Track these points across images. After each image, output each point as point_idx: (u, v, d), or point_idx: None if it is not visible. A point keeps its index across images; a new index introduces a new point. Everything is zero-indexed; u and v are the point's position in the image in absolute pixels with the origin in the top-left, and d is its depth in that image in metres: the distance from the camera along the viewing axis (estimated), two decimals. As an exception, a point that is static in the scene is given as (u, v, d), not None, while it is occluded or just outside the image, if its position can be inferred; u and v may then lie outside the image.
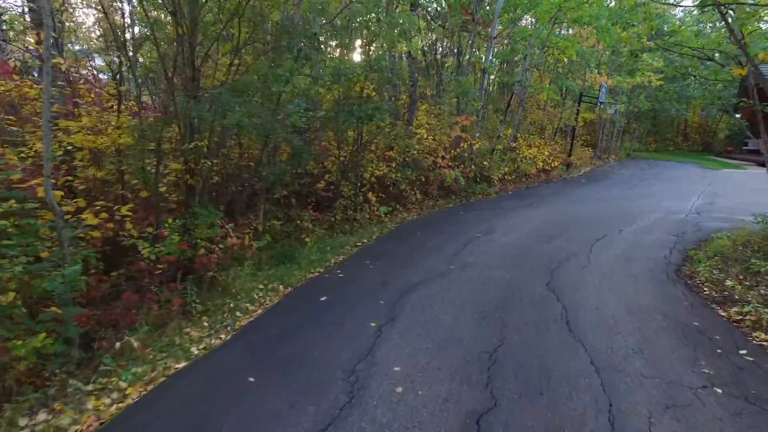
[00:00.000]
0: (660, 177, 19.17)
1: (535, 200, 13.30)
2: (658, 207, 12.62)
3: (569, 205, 12.80)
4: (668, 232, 9.93)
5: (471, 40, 15.86)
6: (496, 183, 14.75)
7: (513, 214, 11.45)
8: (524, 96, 16.19)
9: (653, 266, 7.60)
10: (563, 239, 9.11)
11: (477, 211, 11.87)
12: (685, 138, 35.70)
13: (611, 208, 12.32)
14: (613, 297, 6.14)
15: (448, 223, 10.49)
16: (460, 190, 13.47)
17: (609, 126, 25.35)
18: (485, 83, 16.15)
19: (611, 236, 9.46)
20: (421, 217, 11.29)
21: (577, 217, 11.24)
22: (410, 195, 12.37)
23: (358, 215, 10.79)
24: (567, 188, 15.69)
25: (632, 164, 24.16)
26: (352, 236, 9.51)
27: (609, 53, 20.29)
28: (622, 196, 14.22)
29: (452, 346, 4.67)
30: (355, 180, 11.19)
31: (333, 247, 8.62)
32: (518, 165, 16.14)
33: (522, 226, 10.10)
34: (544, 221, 10.67)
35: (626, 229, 10.10)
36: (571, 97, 20.89)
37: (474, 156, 14.36)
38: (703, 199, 13.93)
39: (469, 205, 12.73)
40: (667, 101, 27.57)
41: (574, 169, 19.50)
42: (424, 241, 8.90)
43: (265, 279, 6.78)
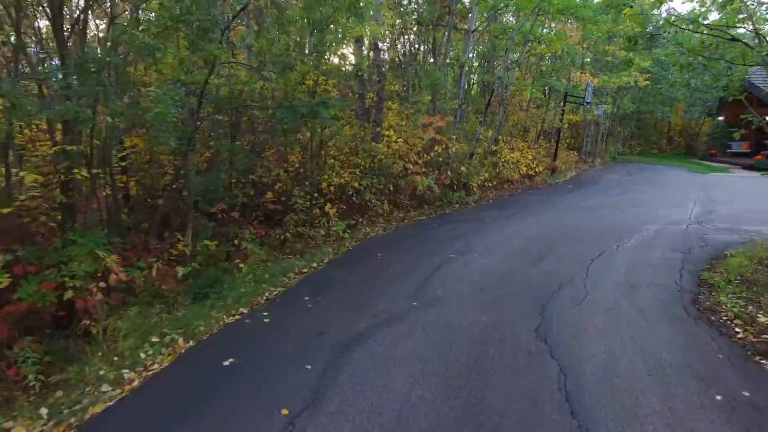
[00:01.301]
0: (650, 182, 17.95)
1: (518, 210, 11.82)
2: (654, 216, 11.26)
3: (557, 215, 11.35)
4: (672, 248, 8.53)
5: (447, 34, 14.40)
6: (476, 191, 13.26)
7: (494, 227, 9.94)
8: (505, 95, 14.77)
9: (665, 296, 6.13)
10: (553, 260, 7.61)
11: (453, 224, 10.33)
12: (668, 141, 34.96)
13: (604, 219, 10.90)
14: (625, 347, 4.62)
15: (418, 241, 8.92)
16: (434, 200, 11.93)
17: (594, 128, 24.20)
18: (463, 81, 14.69)
19: (608, 254, 8.01)
20: (388, 232, 9.70)
21: (567, 230, 9.78)
22: (377, 206, 10.78)
23: (312, 232, 9.16)
24: (553, 195, 14.28)
25: (618, 168, 23.00)
26: (301, 259, 7.87)
27: (593, 51, 19.05)
28: (614, 204, 12.85)
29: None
30: (311, 190, 9.58)
31: (273, 275, 6.98)
32: (500, 170, 14.69)
33: (504, 243, 8.58)
34: (529, 236, 9.18)
35: (624, 245, 8.66)
36: (555, 97, 19.61)
37: (451, 161, 12.86)
38: (700, 207, 12.64)
39: (444, 217, 11.19)
40: (651, 103, 26.63)
41: (560, 173, 18.16)
42: (385, 265, 7.31)
43: (169, 325, 5.11)
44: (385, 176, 11.50)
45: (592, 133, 24.30)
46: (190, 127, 6.98)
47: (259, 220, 9.29)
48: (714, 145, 30.70)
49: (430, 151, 12.38)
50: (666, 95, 27.24)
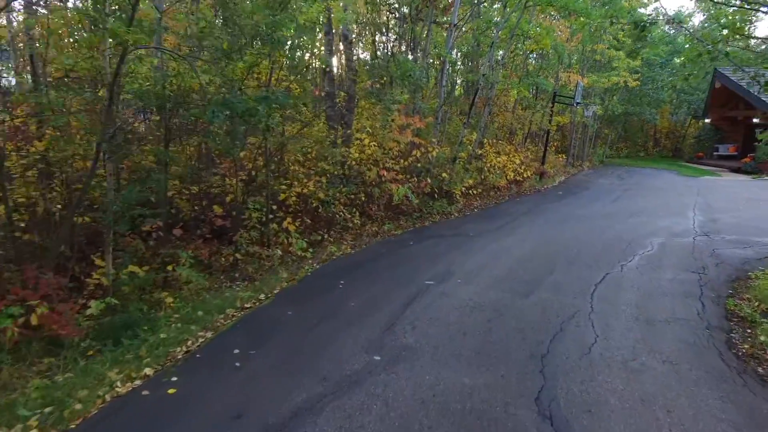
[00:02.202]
0: (643, 187, 16.93)
1: (506, 221, 10.59)
2: (656, 227, 10.13)
3: (549, 227, 10.15)
4: (684, 267, 7.38)
5: (427, 27, 13.16)
6: (459, 199, 12.02)
7: (479, 243, 8.68)
8: (491, 95, 13.58)
9: (692, 337, 4.92)
10: (549, 287, 6.37)
11: (432, 239, 9.04)
12: (655, 143, 34.33)
13: (601, 231, 9.72)
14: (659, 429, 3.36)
15: (391, 262, 7.61)
16: (412, 210, 10.65)
17: (581, 131, 23.22)
18: (444, 79, 13.46)
19: (613, 277, 6.80)
20: (357, 251, 8.37)
21: (562, 246, 8.57)
22: (346, 219, 9.46)
23: (268, 251, 7.81)
24: (543, 203, 13.11)
25: (608, 172, 22.02)
26: (248, 288, 6.51)
27: (581, 50, 18.01)
28: (610, 213, 11.71)
29: None
30: (267, 202, 8.21)
31: (208, 311, 5.61)
32: (485, 176, 13.48)
33: (491, 265, 7.32)
34: (520, 254, 7.93)
35: (629, 264, 7.48)
36: (543, 97, 18.53)
37: (431, 166, 11.60)
38: (702, 215, 11.58)
39: (423, 230, 9.90)
40: (639, 104, 25.81)
41: (548, 178, 17.04)
42: (347, 297, 5.98)
43: (33, 401, 3.70)
44: (356, 184, 10.20)
45: (579, 136, 23.32)
46: (107, 129, 5.58)
47: (206, 238, 7.92)
48: (701, 148, 30.11)
49: (407, 155, 11.10)
50: (654, 97, 26.49)
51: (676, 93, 29.46)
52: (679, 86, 29.02)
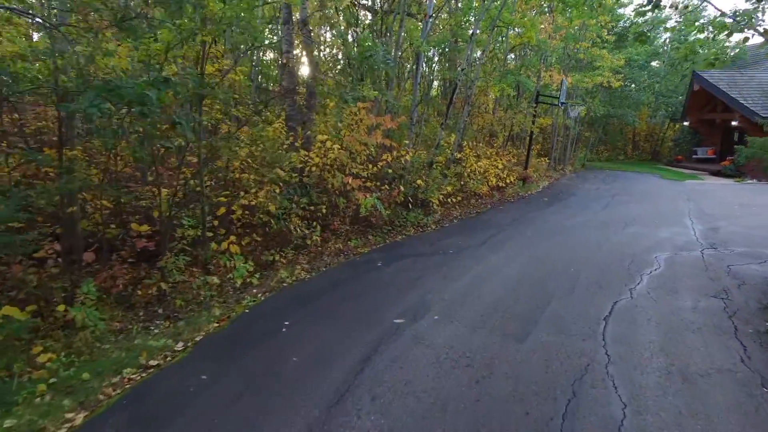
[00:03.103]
0: (630, 192, 15.92)
1: (490, 234, 9.31)
2: (656, 239, 9.01)
3: (539, 241, 8.89)
4: (703, 291, 6.21)
5: (401, 18, 11.85)
6: (436, 208, 10.69)
7: (460, 264, 7.35)
8: (470, 93, 12.34)
9: (748, 400, 3.66)
10: (549, 324, 5.06)
11: (405, 259, 7.67)
12: (634, 146, 33.80)
13: (598, 246, 8.52)
14: None
15: (352, 291, 6.20)
16: (383, 223, 9.27)
17: (563, 133, 22.25)
18: (420, 75, 12.17)
19: (624, 308, 5.55)
20: (313, 276, 6.93)
21: (557, 265, 7.31)
22: (304, 236, 8.02)
23: (203, 279, 6.33)
24: (529, 212, 11.89)
25: (591, 176, 21.08)
26: (163, 335, 5.02)
27: (564, 47, 16.97)
28: (603, 223, 10.55)
29: None
30: (203, 217, 6.73)
31: (98, 374, 4.12)
32: (465, 182, 12.20)
33: (475, 293, 5.99)
34: (508, 278, 6.63)
35: (638, 288, 6.25)
36: (525, 97, 17.44)
37: (405, 172, 10.25)
38: (700, 223, 10.54)
39: (395, 247, 8.52)
40: (620, 106, 25.10)
41: (532, 184, 15.91)
42: (287, 348, 4.55)
43: None
44: (317, 194, 8.79)
45: (560, 139, 22.35)
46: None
47: (130, 262, 6.41)
48: (679, 151, 29.65)
49: (377, 160, 9.74)
50: (635, 98, 25.84)
51: (655, 95, 28.90)
52: (657, 89, 28.50)
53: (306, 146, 9.18)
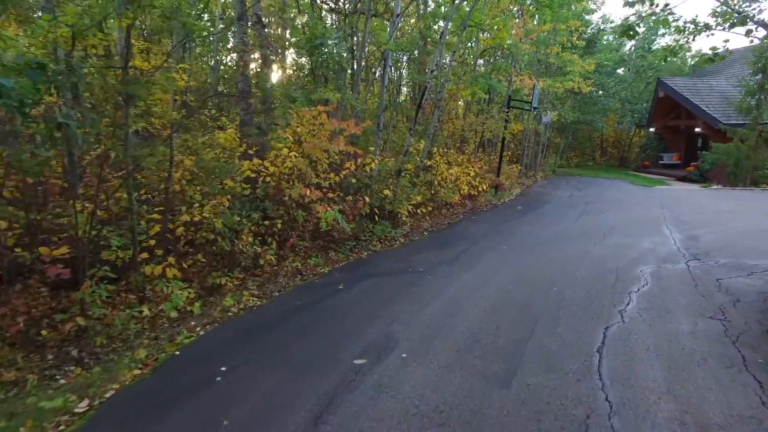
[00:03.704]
0: (604, 199, 15.58)
1: (464, 248, 8.60)
2: (638, 250, 8.51)
3: (516, 256, 8.23)
4: (698, 311, 5.65)
5: (365, 17, 11.10)
6: (405, 220, 9.93)
7: (431, 284, 6.58)
8: (440, 96, 11.67)
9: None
10: (536, 362, 4.32)
11: (370, 279, 6.85)
12: (602, 152, 34.08)
13: (579, 259, 7.92)
14: None
15: (307, 322, 5.34)
16: (346, 238, 8.44)
17: (534, 139, 21.95)
18: (386, 78, 11.44)
19: (617, 336, 4.88)
20: (265, 303, 6.03)
21: (537, 284, 6.63)
22: (257, 255, 7.10)
23: (131, 311, 5.36)
24: (503, 222, 11.26)
25: (563, 183, 20.81)
26: (66, 388, 4.04)
27: (536, 51, 16.60)
28: (581, 233, 10.00)
29: None
30: (133, 237, 5.75)
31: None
32: (435, 191, 11.50)
33: (449, 322, 5.22)
34: (487, 301, 5.89)
35: (628, 310, 5.63)
36: (497, 101, 16.95)
37: (371, 182, 9.46)
38: (679, 232, 10.13)
39: (358, 265, 7.69)
40: (589, 112, 25.09)
41: (504, 191, 15.36)
42: (219, 405, 3.66)
43: None
44: (273, 207, 7.90)
45: (531, 145, 22.04)
46: None
47: (44, 294, 5.41)
48: (646, 157, 29.99)
49: (340, 169, 8.92)
50: (603, 105, 25.91)
51: (621, 102, 29.18)
52: (623, 95, 28.77)
53: (261, 154, 8.30)
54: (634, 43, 30.02)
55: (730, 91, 22.99)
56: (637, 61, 29.27)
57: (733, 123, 20.28)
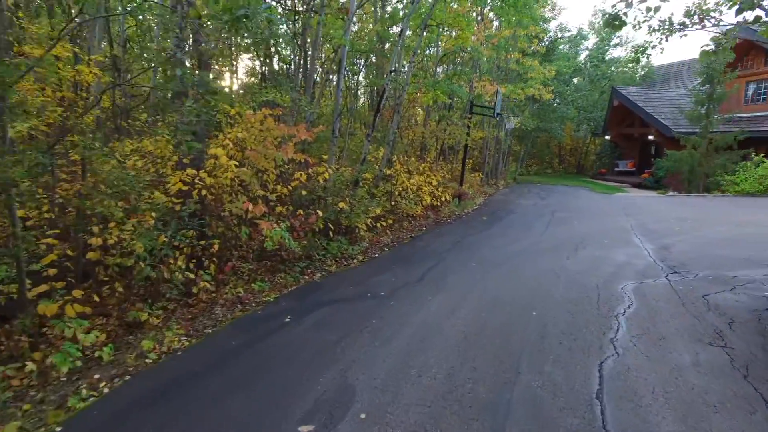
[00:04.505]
0: (568, 207, 15.22)
1: (429, 266, 7.76)
2: (615, 264, 7.93)
3: (486, 273, 7.46)
4: (694, 336, 5.04)
5: (320, 15, 10.20)
6: (364, 235, 9.02)
7: (392, 314, 5.68)
8: (399, 101, 10.88)
9: None
10: (524, 419, 3.49)
11: (323, 309, 5.87)
12: (561, 160, 34.46)
13: (555, 276, 7.23)
14: None
15: (242, 371, 4.30)
16: (297, 258, 7.43)
17: (495, 147, 21.60)
18: (341, 81, 10.55)
19: (615, 374, 4.13)
20: (193, 344, 4.94)
21: (514, 308, 5.85)
22: (188, 282, 6.00)
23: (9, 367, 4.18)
24: (469, 234, 10.52)
25: (525, 191, 20.52)
26: None
27: (496, 56, 16.17)
28: (552, 246, 9.39)
29: None
30: (19, 268, 4.57)
31: None
32: (396, 202, 10.66)
33: (415, 366, 4.32)
34: (457, 335, 5.03)
35: (619, 337, 4.92)
36: (459, 106, 16.38)
37: (325, 194, 8.51)
38: (649, 242, 9.72)
39: (310, 291, 6.69)
40: (549, 120, 25.11)
41: (468, 200, 14.73)
42: None
43: None
44: (213, 224, 6.82)
45: (492, 152, 21.69)
46: None
47: None
48: (602, 164, 30.48)
49: (289, 180, 7.93)
50: (562, 113, 26.03)
51: (578, 110, 29.57)
52: (579, 104, 29.16)
53: (197, 163, 7.20)
54: (588, 53, 30.55)
55: (679, 100, 23.54)
56: (591, 70, 29.75)
57: (684, 131, 20.66)
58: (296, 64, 11.74)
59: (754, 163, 18.45)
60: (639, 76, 29.81)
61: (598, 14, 32.44)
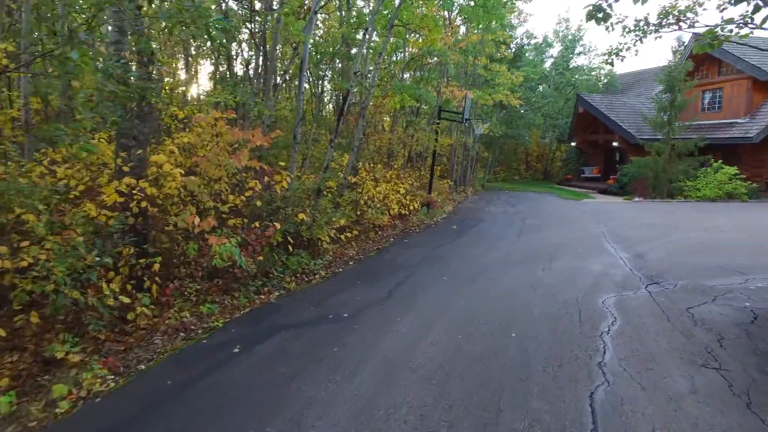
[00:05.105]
0: (538, 215, 14.98)
1: (397, 281, 7.19)
2: (592, 275, 7.57)
3: (459, 288, 6.93)
4: (685, 356, 4.67)
5: (279, 10, 9.53)
6: (327, 248, 8.37)
7: (356, 340, 5.05)
8: (365, 105, 10.32)
9: None
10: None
11: (278, 335, 5.19)
12: (527, 166, 34.67)
13: (531, 290, 6.78)
14: None
15: (176, 418, 3.60)
16: (252, 276, 6.71)
17: (463, 153, 21.32)
18: (303, 83, 9.89)
19: (608, 407, 3.66)
20: (120, 386, 4.18)
21: (490, 330, 5.33)
22: (124, 307, 5.21)
23: None
24: (439, 245, 10.01)
25: (494, 198, 20.29)
26: None
27: (463, 62, 15.86)
28: (526, 257, 8.99)
29: None
30: None
31: None
32: (362, 212, 10.06)
33: (381, 408, 3.71)
34: (429, 366, 4.45)
35: (608, 361, 4.48)
36: (427, 111, 15.96)
37: (285, 204, 7.83)
38: (623, 250, 9.46)
39: (265, 314, 5.98)
40: (516, 126, 25.10)
41: (437, 209, 14.27)
42: None
43: None
44: (156, 238, 6.06)
45: (460, 159, 21.40)
46: None
47: None
48: (568, 170, 30.78)
49: (244, 189, 7.22)
50: (529, 119, 26.11)
51: (544, 117, 29.81)
52: (545, 111, 29.40)
53: (138, 171, 6.41)
54: (553, 61, 30.88)
55: (641, 107, 23.95)
56: (556, 77, 30.07)
57: (648, 138, 20.97)
58: (256, 65, 11.03)
59: (713, 169, 18.89)
60: (602, 84, 30.31)
61: (562, 23, 32.89)
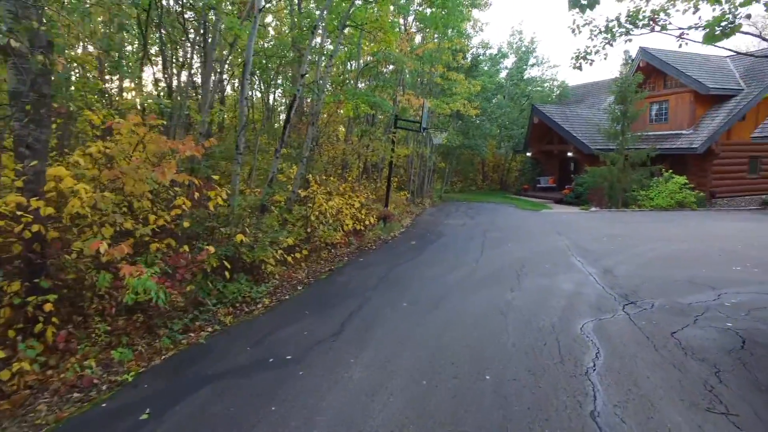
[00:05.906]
0: (499, 227, 14.49)
1: (351, 311, 6.29)
2: (564, 296, 6.99)
3: (421, 318, 6.12)
4: (684, 396, 4.11)
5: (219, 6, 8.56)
6: (273, 270, 7.37)
7: (301, 393, 4.12)
8: (316, 110, 9.43)
9: None
10: None
11: (202, 389, 4.19)
12: (484, 177, 34.66)
13: (501, 314, 6.07)
14: None
15: None
16: (179, 311, 5.64)
17: (420, 164, 20.75)
18: (246, 88, 8.91)
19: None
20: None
21: (460, 372, 4.53)
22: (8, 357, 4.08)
23: None
24: (398, 264, 9.18)
25: (452, 209, 19.78)
26: None
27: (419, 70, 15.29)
28: (490, 274, 8.33)
29: None
30: None
31: None
32: (313, 229, 9.11)
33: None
34: (388, 424, 3.59)
35: (599, 408, 3.80)
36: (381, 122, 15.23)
37: (221, 223, 6.79)
38: (590, 265, 9.03)
39: (191, 359, 4.94)
40: (473, 137, 24.85)
41: (395, 222, 13.50)
42: None
43: None
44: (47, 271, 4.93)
45: (417, 170, 20.82)
46: None
47: None
48: (524, 180, 30.92)
49: (170, 206, 6.15)
50: (485, 129, 25.96)
51: (500, 128, 29.85)
52: (500, 121, 29.46)
53: (32, 187, 5.26)
54: (508, 71, 31.07)
55: (594, 118, 24.29)
56: (511, 88, 30.24)
57: (601, 148, 21.17)
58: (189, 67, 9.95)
59: (665, 178, 19.23)
60: (555, 95, 30.73)
61: (516, 34, 33.30)
